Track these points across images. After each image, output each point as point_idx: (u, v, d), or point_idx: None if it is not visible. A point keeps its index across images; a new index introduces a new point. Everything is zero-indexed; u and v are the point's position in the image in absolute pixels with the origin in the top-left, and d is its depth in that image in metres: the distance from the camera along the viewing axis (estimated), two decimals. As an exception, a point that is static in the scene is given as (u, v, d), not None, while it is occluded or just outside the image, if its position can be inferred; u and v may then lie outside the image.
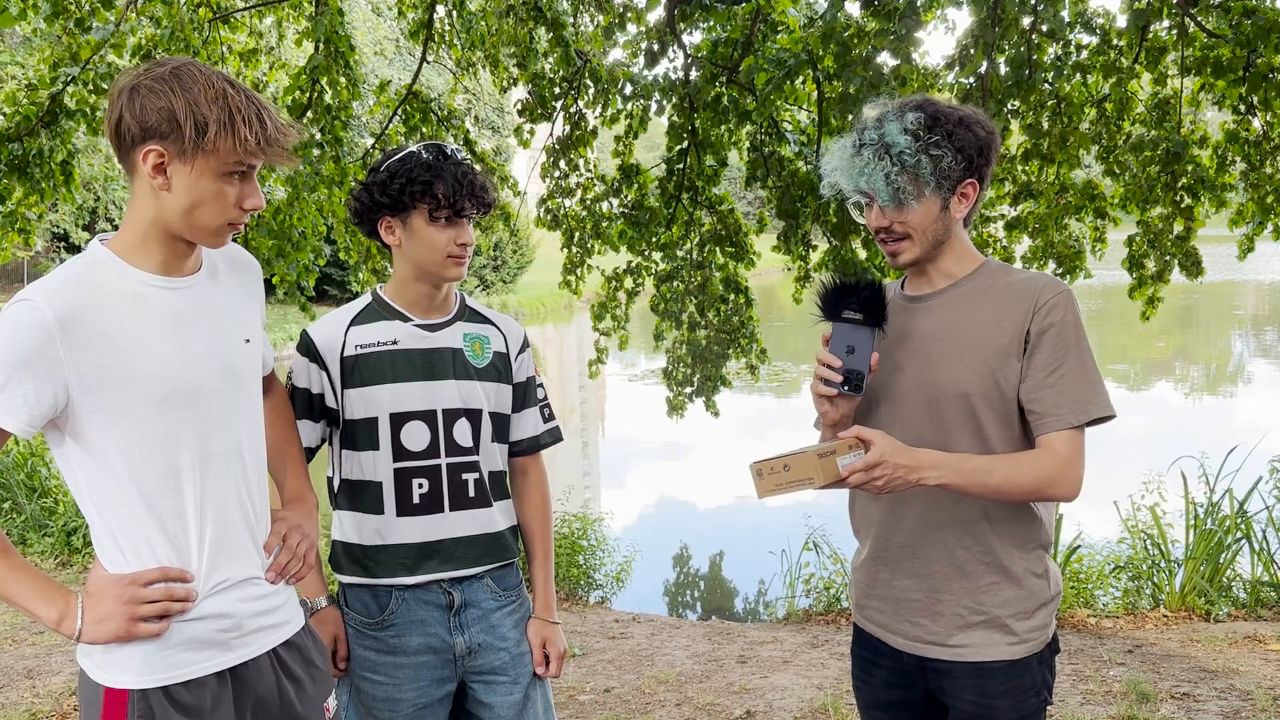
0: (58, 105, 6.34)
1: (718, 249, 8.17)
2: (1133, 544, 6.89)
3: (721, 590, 9.27)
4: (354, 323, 2.46)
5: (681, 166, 7.65)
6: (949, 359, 2.12)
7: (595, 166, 8.32)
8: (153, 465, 1.83)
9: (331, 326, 2.46)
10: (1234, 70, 6.01)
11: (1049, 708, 2.23)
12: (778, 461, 1.96)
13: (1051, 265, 7.34)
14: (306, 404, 2.44)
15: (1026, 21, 5.72)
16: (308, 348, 2.44)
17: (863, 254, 7.48)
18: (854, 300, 2.11)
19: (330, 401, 2.44)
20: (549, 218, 8.38)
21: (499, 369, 2.53)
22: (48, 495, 8.53)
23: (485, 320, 2.57)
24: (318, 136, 6.83)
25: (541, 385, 2.68)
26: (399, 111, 7.60)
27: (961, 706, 2.17)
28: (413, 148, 2.40)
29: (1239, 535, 6.55)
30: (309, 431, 2.44)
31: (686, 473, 12.90)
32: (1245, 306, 31.01)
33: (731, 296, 8.24)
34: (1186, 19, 6.12)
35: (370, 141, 7.94)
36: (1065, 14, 6.14)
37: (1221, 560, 6.48)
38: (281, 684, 2.00)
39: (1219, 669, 4.94)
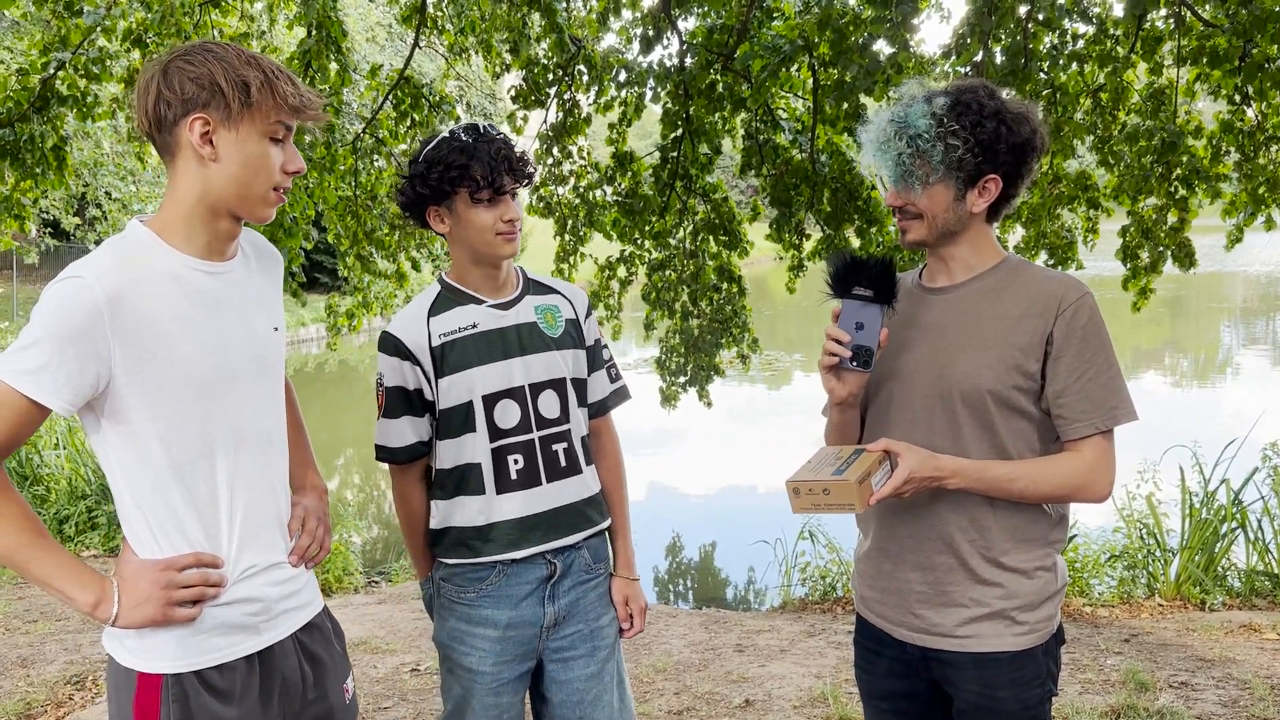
0: (49, 90, 6.30)
1: (711, 237, 8.14)
2: (1128, 533, 6.91)
3: (713, 579, 9.26)
4: (431, 313, 2.48)
5: (675, 154, 7.60)
6: (966, 353, 2.11)
7: (589, 154, 8.28)
8: (188, 449, 1.84)
9: (412, 321, 2.47)
10: (1230, 60, 5.98)
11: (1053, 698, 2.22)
12: (816, 484, 1.94)
13: (1043, 255, 7.33)
14: (405, 401, 2.46)
15: (1023, 10, 5.69)
16: (396, 347, 2.45)
17: (856, 242, 7.45)
18: (864, 277, 2.11)
19: (429, 395, 2.46)
20: (542, 205, 8.34)
21: (573, 336, 2.57)
22: (40, 483, 8.49)
23: (550, 290, 2.62)
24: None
25: (607, 346, 2.72)
26: (390, 96, 7.55)
27: (965, 697, 2.16)
28: (445, 132, 2.41)
29: (1234, 524, 6.56)
30: (417, 428, 2.49)
31: (678, 462, 12.88)
32: (1234, 297, 31.09)
33: (724, 285, 8.22)
34: (1183, 8, 6.10)
35: (360, 127, 7.88)
36: (1062, 2, 6.11)
37: (1217, 549, 6.49)
38: (304, 666, 2.03)
39: (1216, 658, 4.94)
